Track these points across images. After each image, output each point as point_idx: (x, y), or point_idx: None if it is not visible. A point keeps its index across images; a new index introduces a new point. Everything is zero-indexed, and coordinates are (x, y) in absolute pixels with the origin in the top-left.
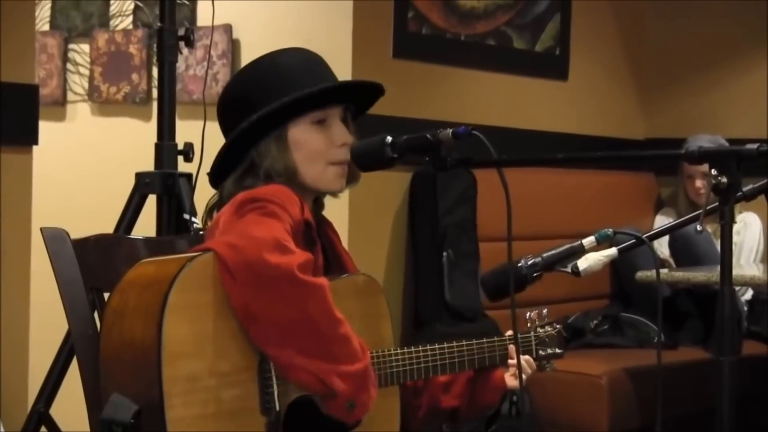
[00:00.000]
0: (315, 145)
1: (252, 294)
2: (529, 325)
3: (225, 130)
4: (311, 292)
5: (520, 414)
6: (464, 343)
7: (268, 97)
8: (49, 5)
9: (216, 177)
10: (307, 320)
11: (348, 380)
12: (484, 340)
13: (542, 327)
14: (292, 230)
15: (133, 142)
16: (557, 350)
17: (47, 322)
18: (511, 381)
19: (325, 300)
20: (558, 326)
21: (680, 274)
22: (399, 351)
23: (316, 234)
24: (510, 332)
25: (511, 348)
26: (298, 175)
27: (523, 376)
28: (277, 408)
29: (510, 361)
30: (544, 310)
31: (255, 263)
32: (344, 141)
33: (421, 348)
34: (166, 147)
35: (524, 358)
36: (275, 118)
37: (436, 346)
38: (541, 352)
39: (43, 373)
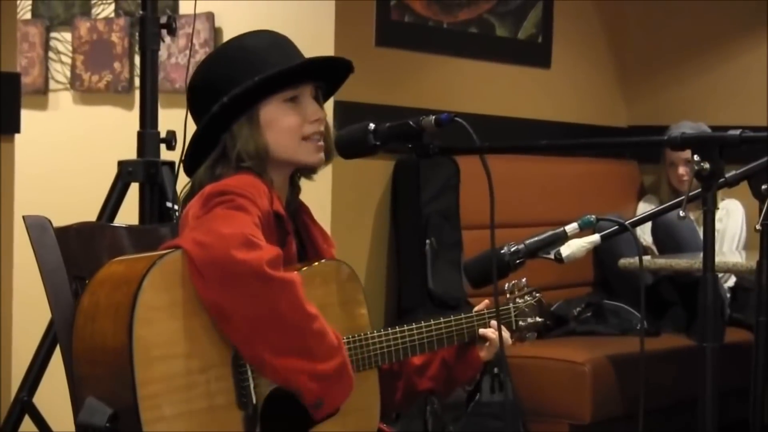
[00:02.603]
0: (288, 122)
1: (221, 292)
2: (508, 296)
3: (196, 117)
4: (281, 287)
5: (502, 388)
6: (441, 320)
7: (237, 79)
8: None
9: (190, 165)
10: (278, 316)
11: (318, 381)
12: (462, 316)
13: (521, 297)
14: (261, 222)
15: (115, 130)
16: (537, 319)
17: (30, 310)
18: (486, 355)
19: (296, 295)
20: (537, 294)
21: (663, 261)
22: (376, 333)
23: (288, 223)
24: (480, 306)
25: (493, 323)
26: (270, 155)
27: (496, 349)
28: (254, 401)
29: (481, 330)
30: (523, 280)
31: (223, 261)
32: (317, 116)
33: (398, 329)
34: (148, 135)
35: (491, 331)
36: (246, 100)
37: (413, 326)
38: (521, 323)
39: (26, 361)
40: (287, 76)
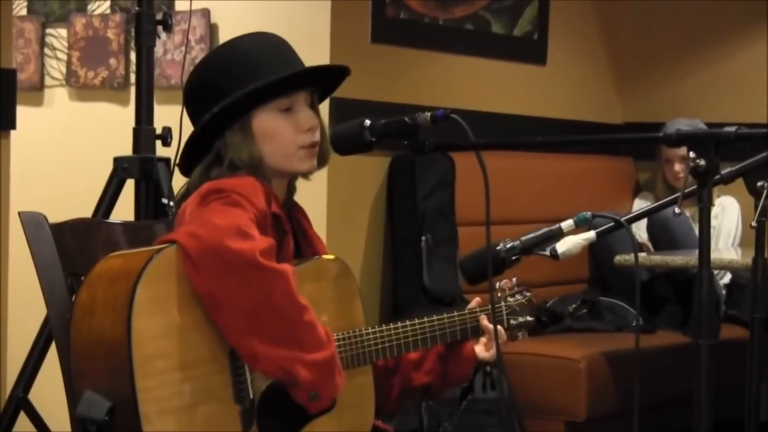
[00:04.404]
0: (281, 132)
1: (215, 281)
2: (499, 294)
3: (192, 117)
4: (274, 277)
5: (494, 387)
6: (435, 317)
7: (230, 84)
8: None
9: (185, 167)
10: (271, 306)
11: (311, 369)
12: (455, 314)
13: (512, 296)
14: (256, 220)
15: (111, 126)
16: (528, 318)
17: (25, 306)
18: (482, 352)
19: (288, 286)
20: (528, 294)
21: (658, 258)
22: (371, 330)
23: (286, 223)
24: (474, 302)
25: (483, 319)
26: (263, 164)
27: (492, 351)
28: (251, 396)
29: (484, 322)
30: (514, 279)
31: (216, 250)
32: (311, 126)
33: (392, 325)
34: (144, 131)
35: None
36: (239, 108)
37: (407, 323)
38: (512, 321)
39: (21, 358)
40: (280, 85)
